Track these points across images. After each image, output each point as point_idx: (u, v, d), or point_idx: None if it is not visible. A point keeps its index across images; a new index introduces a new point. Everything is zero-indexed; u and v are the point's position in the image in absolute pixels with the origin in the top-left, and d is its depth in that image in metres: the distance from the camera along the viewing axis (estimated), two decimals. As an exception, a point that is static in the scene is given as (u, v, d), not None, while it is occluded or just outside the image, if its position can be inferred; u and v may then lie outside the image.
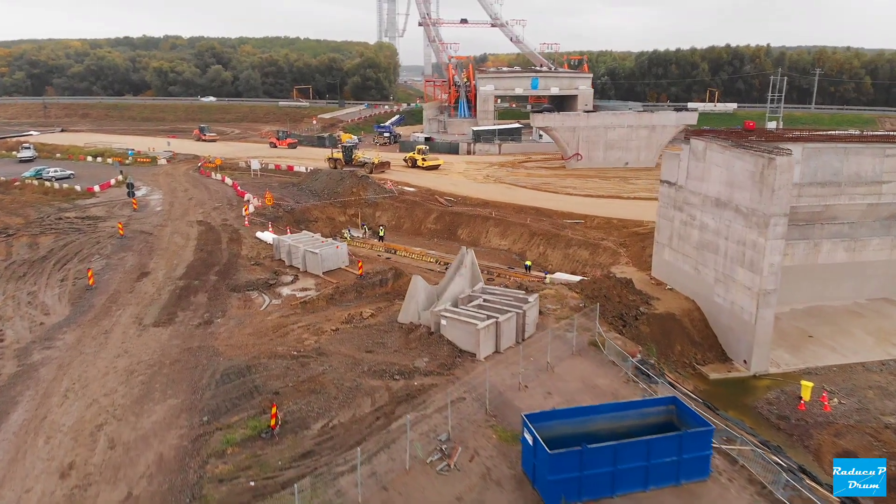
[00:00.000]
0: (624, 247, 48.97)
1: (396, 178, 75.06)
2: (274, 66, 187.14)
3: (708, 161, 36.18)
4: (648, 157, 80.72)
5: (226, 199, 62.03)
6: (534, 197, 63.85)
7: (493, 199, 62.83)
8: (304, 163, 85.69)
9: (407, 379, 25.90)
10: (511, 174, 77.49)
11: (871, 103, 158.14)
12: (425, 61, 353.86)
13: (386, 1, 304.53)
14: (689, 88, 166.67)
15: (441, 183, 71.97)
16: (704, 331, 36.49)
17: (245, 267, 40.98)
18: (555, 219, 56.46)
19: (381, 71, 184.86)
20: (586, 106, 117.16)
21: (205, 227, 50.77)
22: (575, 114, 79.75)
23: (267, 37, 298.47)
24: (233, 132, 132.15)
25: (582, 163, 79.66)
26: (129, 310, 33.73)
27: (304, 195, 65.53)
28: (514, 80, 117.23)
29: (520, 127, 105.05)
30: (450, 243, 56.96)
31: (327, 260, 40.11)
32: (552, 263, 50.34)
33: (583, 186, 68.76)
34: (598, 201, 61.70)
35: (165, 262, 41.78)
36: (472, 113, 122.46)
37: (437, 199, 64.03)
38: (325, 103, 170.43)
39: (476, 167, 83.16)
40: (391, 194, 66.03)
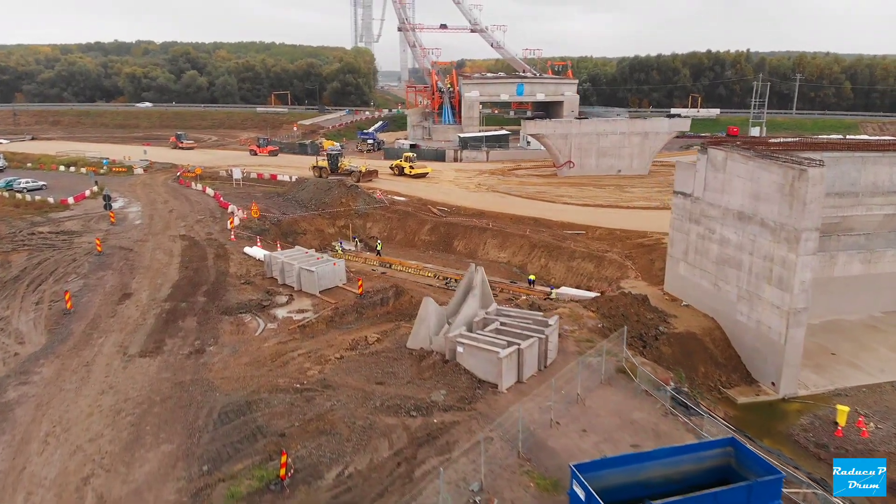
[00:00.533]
0: (630, 259, 47.08)
1: (385, 186, 72.62)
2: (251, 72, 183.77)
3: (729, 172, 34.35)
4: (641, 164, 79.23)
5: (208, 210, 59.12)
6: (530, 207, 61.87)
7: (488, 209, 60.70)
8: (288, 171, 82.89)
9: (425, 415, 23.53)
10: (503, 182, 75.48)
11: (850, 108, 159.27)
12: (401, 66, 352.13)
13: (361, 7, 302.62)
14: (670, 94, 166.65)
15: (432, 192, 69.70)
16: (727, 351, 34.63)
17: (235, 286, 38.29)
18: (555, 230, 54.47)
19: (361, 76, 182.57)
20: (573, 112, 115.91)
21: (188, 242, 47.90)
22: (567, 121, 78.06)
23: (241, 42, 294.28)
24: (210, 139, 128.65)
25: (574, 171, 77.92)
26: (111, 337, 30.91)
27: (290, 206, 62.84)
28: (499, 86, 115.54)
29: (507, 134, 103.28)
30: (446, 255, 54.74)
31: (324, 278, 37.60)
32: (555, 277, 48.33)
33: (579, 195, 66.93)
34: (596, 211, 59.85)
35: (149, 282, 38.93)
36: (456, 119, 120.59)
37: (431, 209, 61.74)
38: (304, 109, 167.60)
39: (466, 175, 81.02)
40: (382, 204, 63.60)
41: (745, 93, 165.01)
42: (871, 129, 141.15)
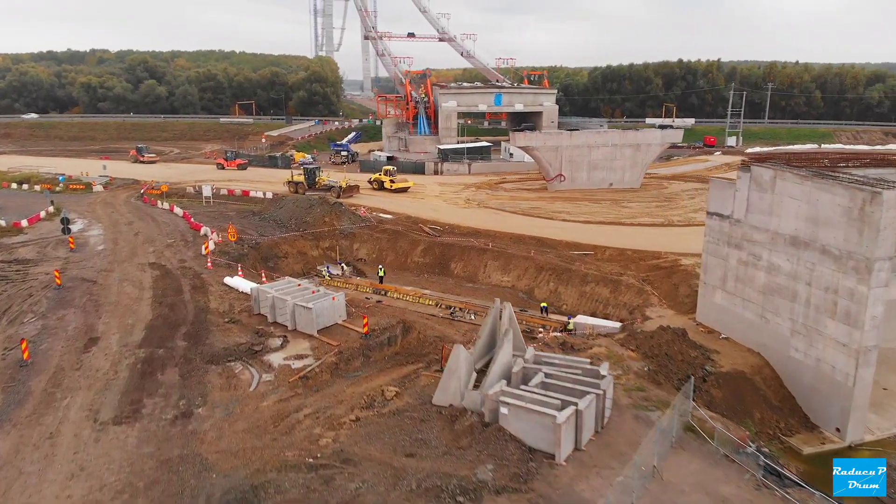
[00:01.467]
0: (648, 283, 43.44)
1: (368, 202, 68.08)
2: (212, 81, 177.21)
3: (779, 192, 30.86)
4: (633, 177, 76.17)
5: (178, 233, 53.83)
6: (527, 224, 58.01)
7: (484, 228, 56.65)
8: (260, 187, 77.71)
9: (473, 501, 19.23)
10: (493, 197, 71.57)
11: (820, 117, 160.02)
12: (364, 75, 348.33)
13: (321, 16, 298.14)
14: (643, 104, 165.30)
15: (420, 208, 65.39)
16: (780, 392, 31.04)
17: (219, 326, 33.42)
18: (560, 250, 50.64)
19: (329, 85, 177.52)
20: (552, 123, 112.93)
21: (160, 272, 42.73)
22: (557, 133, 74.57)
23: (200, 50, 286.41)
24: (172, 152, 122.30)
25: (565, 184, 74.43)
26: (78, 397, 25.89)
27: (268, 226, 57.86)
28: (476, 96, 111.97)
29: (489, 145, 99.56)
30: (443, 279, 50.49)
31: (322, 316, 33.01)
32: (567, 303, 44.46)
33: (576, 211, 63.33)
34: (599, 229, 56.26)
35: (118, 323, 33.81)
36: (432, 130, 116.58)
37: (422, 227, 57.42)
38: (271, 119, 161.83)
39: (452, 189, 76.91)
40: (368, 223, 59.07)
41: (717, 102, 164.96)
42: (846, 137, 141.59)
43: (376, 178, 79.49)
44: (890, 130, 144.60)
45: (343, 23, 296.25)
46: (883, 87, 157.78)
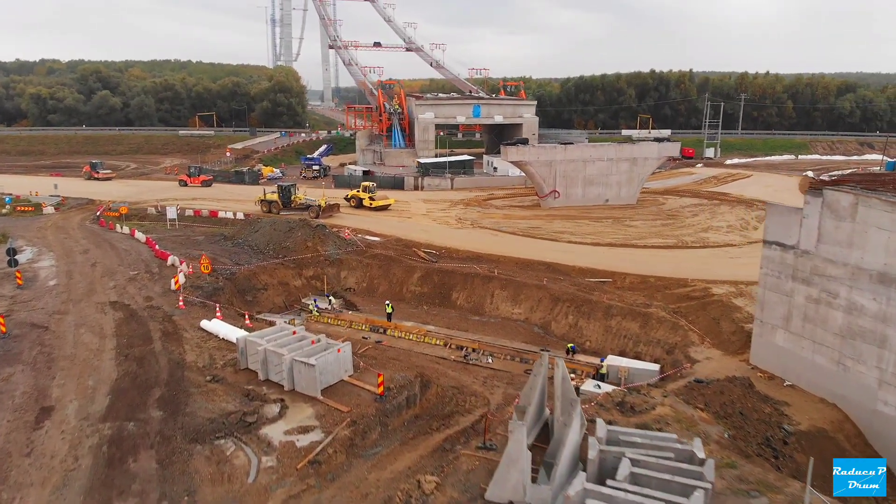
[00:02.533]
0: (681, 316, 38.98)
1: (350, 223, 62.68)
2: (170, 91, 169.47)
3: (861, 221, 26.59)
4: (629, 193, 72.26)
5: (142, 262, 47.55)
6: (531, 247, 53.30)
7: (484, 252, 51.73)
8: (228, 206, 71.74)
9: None
10: (485, 216, 66.74)
11: (792, 127, 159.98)
12: (324, 86, 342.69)
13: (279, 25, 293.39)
14: (616, 115, 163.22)
15: (409, 229, 60.18)
16: (865, 451, 26.68)
17: (200, 388, 27.62)
18: (574, 277, 45.97)
19: (294, 96, 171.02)
20: (533, 136, 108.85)
21: (123, 314, 36.61)
22: (551, 146, 70.25)
23: (155, 60, 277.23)
24: (128, 167, 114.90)
25: (559, 201, 70.12)
26: (30, 497, 19.96)
27: (242, 253, 51.93)
28: (454, 108, 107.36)
29: (471, 159, 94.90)
30: (445, 311, 45.30)
31: (327, 372, 27.48)
32: (591, 339, 39.74)
33: (579, 231, 58.88)
34: (611, 252, 51.84)
35: (76, 385, 27.76)
36: (406, 142, 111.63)
37: (417, 252, 52.20)
38: (233, 131, 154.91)
39: (439, 207, 71.89)
40: (355, 247, 53.59)
41: (690, 113, 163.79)
42: (822, 148, 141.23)
43: (354, 195, 74.11)
44: (864, 140, 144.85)
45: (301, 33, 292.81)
46: (854, 96, 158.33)
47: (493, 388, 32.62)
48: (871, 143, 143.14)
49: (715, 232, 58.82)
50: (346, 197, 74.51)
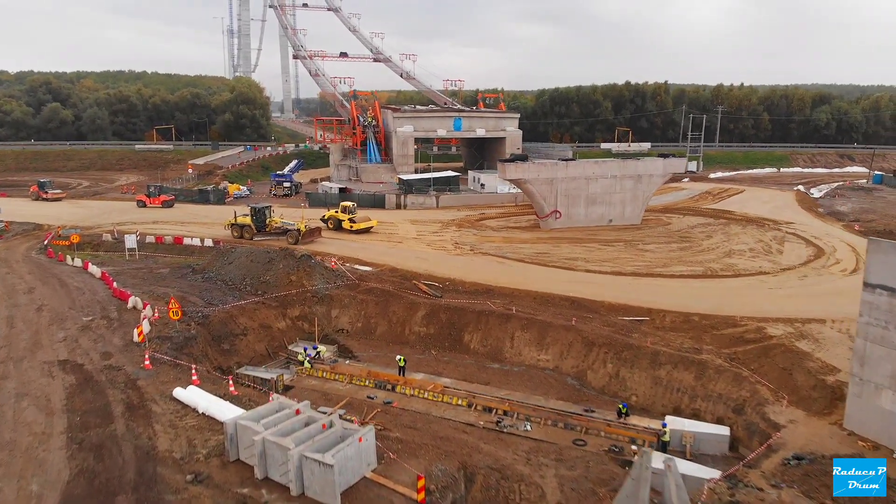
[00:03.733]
0: (740, 363, 33.39)
1: (336, 249, 56.05)
2: (125, 103, 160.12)
3: None
4: (634, 212, 67.10)
5: (97, 304, 40.17)
6: (545, 277, 47.40)
7: (494, 283, 45.59)
8: (194, 230, 64.48)
9: None
10: (484, 239, 60.65)
11: (768, 139, 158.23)
12: (284, 97, 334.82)
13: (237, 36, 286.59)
14: (592, 128, 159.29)
15: (403, 257, 53.75)
16: None
17: (179, 493, 20.75)
18: (603, 314, 40.12)
19: (258, 107, 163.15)
20: (518, 150, 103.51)
21: (76, 378, 29.41)
22: (552, 163, 64.64)
23: (109, 71, 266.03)
24: (80, 185, 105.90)
25: (561, 221, 64.54)
26: None
27: (215, 289, 44.83)
28: (434, 121, 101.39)
29: (457, 175, 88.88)
30: (457, 357, 39.01)
31: (346, 470, 20.92)
32: (637, 393, 33.88)
33: (593, 257, 53.23)
34: (636, 282, 46.25)
35: (16, 493, 20.69)
36: (382, 157, 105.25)
37: (417, 285, 45.77)
38: (193, 145, 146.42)
39: (431, 230, 65.61)
40: (346, 280, 46.94)
41: (666, 125, 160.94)
42: (802, 160, 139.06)
43: (332, 217, 67.39)
44: (844, 153, 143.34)
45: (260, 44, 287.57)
46: (829, 108, 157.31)
47: (542, 469, 26.34)
48: (851, 156, 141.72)
49: (739, 257, 53.80)
50: (322, 218, 67.71)
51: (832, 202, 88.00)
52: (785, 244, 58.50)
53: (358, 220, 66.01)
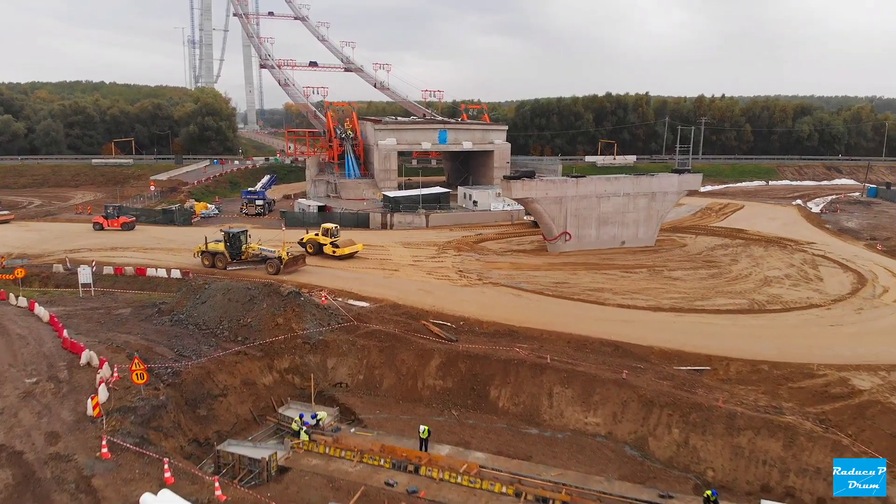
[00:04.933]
0: (833, 426, 27.56)
1: (324, 280, 49.21)
2: (81, 115, 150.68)
3: None
4: (647, 233, 61.56)
5: (44, 360, 32.77)
6: (573, 314, 41.19)
7: (517, 323, 39.21)
8: (159, 258, 57.24)
9: None
10: (490, 265, 54.25)
11: (751, 151, 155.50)
12: (247, 107, 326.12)
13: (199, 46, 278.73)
14: (573, 140, 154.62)
15: (402, 288, 47.05)
16: None
17: None
18: (654, 362, 34.08)
19: (223, 119, 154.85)
20: (507, 164, 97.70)
21: (13, 473, 22.24)
22: (561, 180, 58.57)
23: (65, 81, 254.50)
24: (31, 204, 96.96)
25: (571, 244, 58.64)
26: None
27: (186, 335, 37.61)
28: (419, 133, 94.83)
29: (448, 192, 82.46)
30: (485, 418, 32.48)
31: None
32: (713, 467, 27.74)
33: (620, 288, 47.25)
34: (678, 319, 40.35)
35: None
36: (361, 171, 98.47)
37: (426, 325, 39.16)
38: (154, 159, 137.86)
39: (426, 253, 59.12)
40: (340, 318, 40.14)
41: (648, 137, 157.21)
42: (790, 173, 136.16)
43: (312, 240, 60.43)
44: (831, 164, 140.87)
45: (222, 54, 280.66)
46: (812, 119, 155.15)
47: None
48: (839, 168, 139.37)
49: (779, 285, 48.44)
50: (300, 241, 60.64)
51: (836, 218, 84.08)
52: (820, 269, 53.41)
53: (341, 243, 59.17)
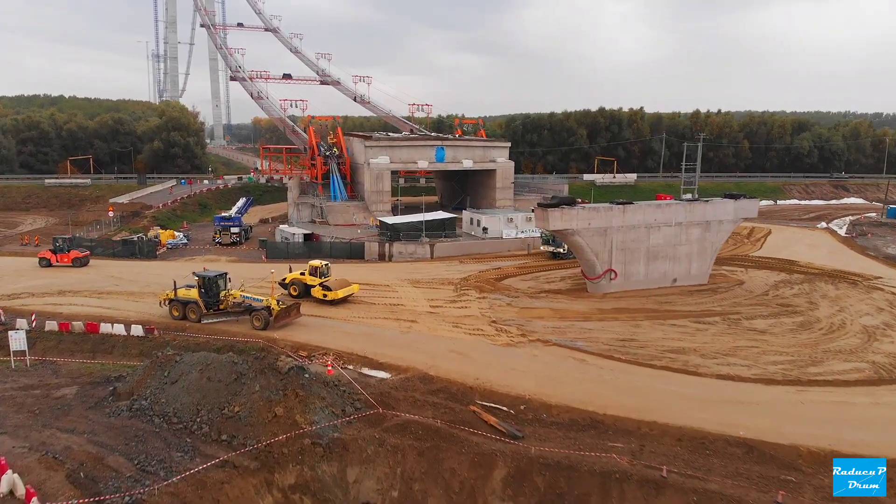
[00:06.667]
0: None
1: (326, 338, 38.95)
2: (35, 130, 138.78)
3: None
4: (701, 269, 52.58)
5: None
6: (665, 391, 31.35)
7: (598, 408, 29.25)
8: (116, 305, 46.70)
9: None
10: (529, 313, 44.34)
11: (749, 168, 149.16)
12: (214, 122, 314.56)
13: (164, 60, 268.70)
14: (566, 156, 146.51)
15: (430, 349, 36.78)
16: None
17: None
18: (806, 471, 24.49)
19: (191, 134, 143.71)
20: (512, 184, 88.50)
21: None
22: (606, 207, 48.97)
23: (23, 95, 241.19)
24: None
25: (616, 283, 49.27)
26: None
27: (150, 433, 27.13)
28: (414, 150, 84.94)
29: (454, 217, 72.59)
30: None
31: None
32: None
33: (704, 346, 37.64)
34: (799, 397, 30.80)
35: None
36: (348, 193, 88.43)
37: (477, 413, 29.16)
38: (115, 179, 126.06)
39: (443, 295, 49.12)
40: (356, 399, 30.04)
41: (644, 154, 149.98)
42: (797, 191, 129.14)
43: (297, 280, 49.95)
44: (838, 183, 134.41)
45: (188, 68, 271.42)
46: (811, 135, 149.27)
47: None
48: (845, 186, 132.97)
49: (887, 339, 39.60)
50: (282, 281, 49.71)
51: (871, 243, 76.58)
52: (920, 314, 44.84)
53: (334, 285, 48.46)
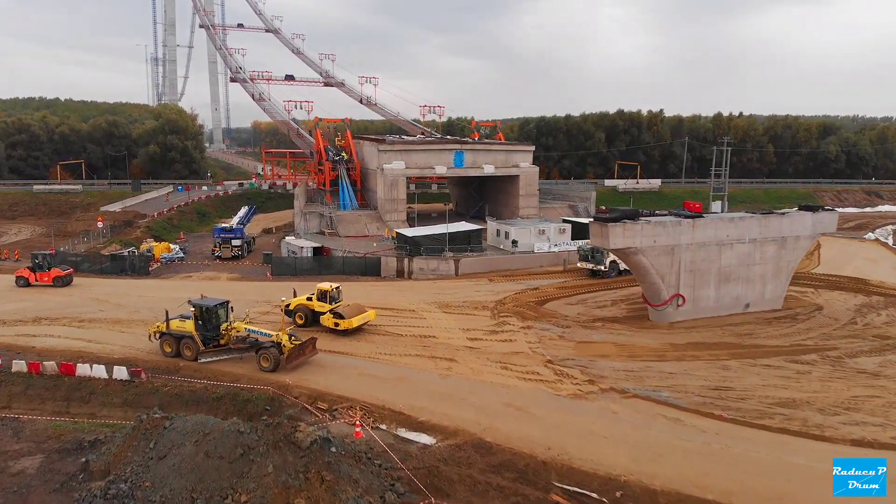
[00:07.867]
0: None
1: (345, 381, 31.95)
2: (26, 133, 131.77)
3: None
4: (775, 292, 45.74)
5: None
6: (788, 466, 24.32)
7: (715, 492, 22.30)
8: (98, 337, 39.78)
9: None
10: (588, 349, 37.34)
11: (773, 173, 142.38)
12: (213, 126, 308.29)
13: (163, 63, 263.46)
14: (582, 161, 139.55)
15: (478, 402, 29.66)
16: None
17: None
18: None
19: (190, 138, 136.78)
20: (537, 191, 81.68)
21: None
22: (673, 222, 41.83)
23: (17, 98, 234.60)
24: (-49, 243, 77.80)
25: (684, 309, 42.38)
26: None
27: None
28: (431, 155, 78.01)
29: (479, 229, 65.63)
30: None
31: None
32: None
33: (815, 397, 30.55)
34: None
35: None
36: (358, 200, 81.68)
37: (559, 503, 22.18)
38: (108, 185, 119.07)
39: (480, 324, 42.08)
40: (392, 475, 23.08)
41: (665, 158, 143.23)
42: (828, 198, 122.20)
43: (302, 306, 42.80)
44: (871, 189, 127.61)
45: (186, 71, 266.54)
46: (837, 139, 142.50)
47: None
48: (878, 193, 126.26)
49: None
50: (286, 307, 42.18)
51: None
52: None
53: (347, 311, 41.11)
